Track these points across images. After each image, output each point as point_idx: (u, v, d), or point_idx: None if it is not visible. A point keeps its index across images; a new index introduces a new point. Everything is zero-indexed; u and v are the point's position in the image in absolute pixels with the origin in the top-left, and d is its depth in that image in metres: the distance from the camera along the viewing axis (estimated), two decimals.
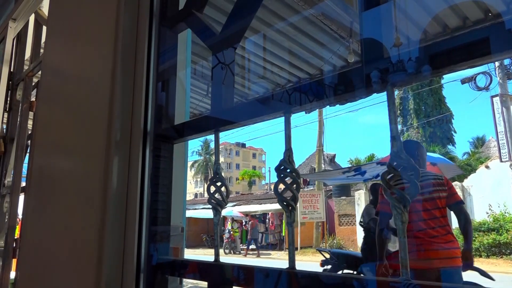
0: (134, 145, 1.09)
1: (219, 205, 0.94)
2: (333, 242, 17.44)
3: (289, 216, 0.76)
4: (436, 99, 25.08)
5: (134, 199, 1.07)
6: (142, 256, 1.05)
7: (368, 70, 0.69)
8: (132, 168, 1.10)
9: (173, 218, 1.18)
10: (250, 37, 4.52)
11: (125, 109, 1.11)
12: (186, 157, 1.33)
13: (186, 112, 1.35)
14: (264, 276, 0.78)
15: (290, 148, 0.79)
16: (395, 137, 0.62)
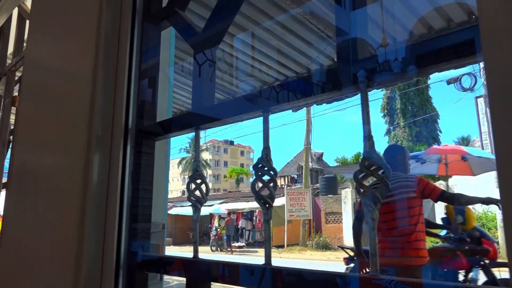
0: (115, 141, 1.10)
1: (199, 202, 0.95)
2: (319, 239, 17.55)
3: (266, 213, 0.78)
4: (423, 99, 25.39)
5: (115, 195, 1.08)
6: (122, 252, 1.05)
7: (355, 70, 0.71)
8: (113, 164, 1.10)
9: (154, 215, 1.18)
10: (238, 35, 4.52)
11: (106, 105, 1.11)
12: (168, 154, 1.33)
13: (168, 109, 1.36)
14: (241, 271, 0.79)
15: (268, 147, 0.80)
16: (367, 137, 0.64)
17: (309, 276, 0.73)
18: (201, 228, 22.44)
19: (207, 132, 47.35)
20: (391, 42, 3.91)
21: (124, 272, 1.03)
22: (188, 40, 1.06)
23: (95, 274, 1.02)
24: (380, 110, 26.81)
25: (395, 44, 0.71)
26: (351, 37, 0.80)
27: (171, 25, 1.16)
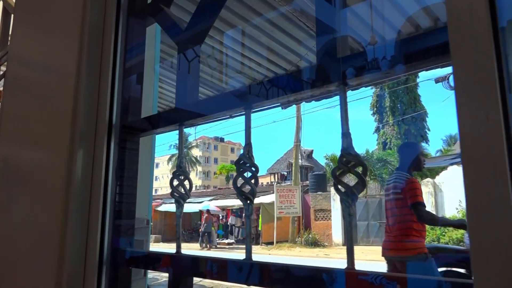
0: (99, 137, 1.09)
1: (182, 198, 0.96)
2: (308, 236, 17.64)
3: (247, 209, 0.78)
4: (412, 97, 25.60)
5: (98, 191, 1.08)
6: (105, 248, 1.05)
7: (344, 67, 0.71)
8: (97, 160, 1.10)
9: (139, 210, 1.18)
10: (227, 32, 4.52)
11: (90, 101, 1.11)
12: (153, 151, 1.34)
13: (154, 106, 1.36)
14: (223, 266, 0.80)
15: (250, 143, 0.81)
16: (345, 134, 0.65)
17: (299, 271, 0.74)
18: (190, 225, 22.40)
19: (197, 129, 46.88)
20: (380, 40, 3.93)
21: (107, 268, 1.04)
22: (173, 37, 1.06)
23: (78, 269, 1.02)
24: (369, 108, 27.00)
25: (383, 43, 0.72)
26: (340, 35, 0.81)
27: (156, 22, 1.16)
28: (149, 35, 1.26)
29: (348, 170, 0.64)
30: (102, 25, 1.17)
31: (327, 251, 15.94)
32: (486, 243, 0.39)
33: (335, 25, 0.73)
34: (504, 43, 0.45)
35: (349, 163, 0.64)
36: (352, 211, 0.62)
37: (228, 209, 21.30)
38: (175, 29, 1.06)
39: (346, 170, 0.64)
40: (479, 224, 0.39)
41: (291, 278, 0.73)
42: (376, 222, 16.98)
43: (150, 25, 1.22)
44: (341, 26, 0.77)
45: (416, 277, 0.61)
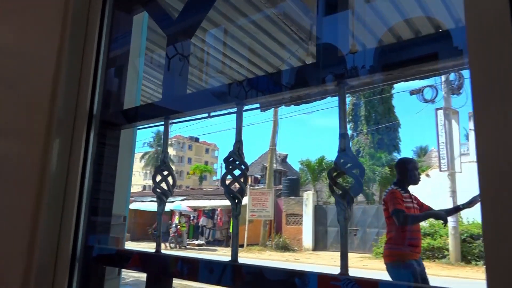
0: (78, 127, 1.04)
1: (164, 195, 0.92)
2: (279, 240, 17.68)
3: (235, 208, 0.76)
4: (386, 107, 26.14)
5: (74, 185, 1.02)
6: (78, 245, 1.00)
7: (324, 74, 0.70)
8: (74, 151, 1.04)
9: (116, 207, 1.13)
10: (211, 30, 4.47)
11: (70, 89, 1.05)
12: (134, 145, 1.28)
13: (137, 99, 1.31)
14: (206, 268, 0.77)
15: (241, 140, 0.78)
16: (343, 135, 0.63)
17: (272, 274, 0.71)
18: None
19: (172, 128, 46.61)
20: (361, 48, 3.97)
21: (80, 265, 0.98)
22: (163, 28, 1.02)
23: (48, 265, 0.96)
24: None
25: (364, 51, 0.71)
26: (323, 41, 0.79)
27: (144, 10, 1.12)
28: (135, 27, 1.22)
29: (345, 172, 0.62)
30: (87, 11, 1.12)
31: (297, 255, 16.02)
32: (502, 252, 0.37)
33: (327, 32, 0.71)
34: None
35: (346, 164, 0.62)
36: (347, 214, 0.60)
37: (200, 210, 21.12)
38: (165, 19, 1.03)
39: (343, 172, 0.62)
40: (494, 228, 0.38)
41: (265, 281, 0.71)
42: None
43: (137, 13, 1.18)
44: (333, 33, 0.75)
45: (388, 284, 0.60)
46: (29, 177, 1.04)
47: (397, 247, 3.45)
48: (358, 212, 16.55)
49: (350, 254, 3.23)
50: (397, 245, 3.45)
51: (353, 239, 16.90)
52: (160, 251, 0.90)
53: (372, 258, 13.88)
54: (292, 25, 4.03)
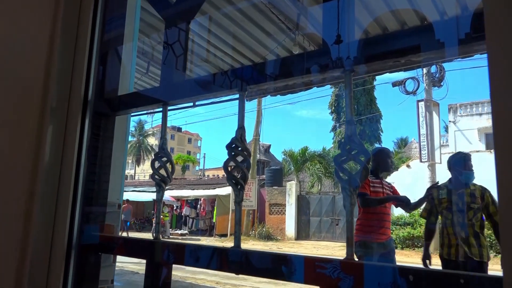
0: (72, 113, 1.02)
1: (163, 182, 0.91)
2: (262, 230, 17.81)
3: (238, 195, 0.76)
4: (368, 99, 26.42)
5: (69, 172, 1.00)
6: (74, 232, 0.99)
7: (309, 64, 0.71)
8: (68, 138, 1.02)
9: (110, 194, 1.12)
10: (196, 18, 4.40)
11: (64, 74, 1.03)
12: (128, 132, 1.27)
13: (130, 84, 1.29)
14: (208, 253, 0.77)
15: (243, 127, 0.78)
16: (350, 121, 0.64)
17: (275, 258, 0.72)
18: (143, 214, 21.93)
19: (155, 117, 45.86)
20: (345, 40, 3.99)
21: (76, 253, 0.97)
22: (159, 11, 1.01)
23: (43, 253, 0.95)
24: (328, 107, 27.57)
25: (348, 42, 0.72)
26: (326, 29, 0.79)
27: None
28: (128, 10, 1.19)
29: (351, 158, 0.62)
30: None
31: (280, 244, 16.17)
32: None
33: (313, 21, 0.71)
34: None
35: (352, 150, 0.63)
36: (353, 200, 0.61)
37: (183, 200, 21.05)
38: (162, 1, 1.01)
39: (350, 158, 0.63)
40: (511, 210, 0.39)
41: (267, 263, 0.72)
42: (328, 219, 17.44)
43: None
44: (319, 22, 0.75)
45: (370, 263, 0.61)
46: (22, 165, 1.02)
47: (362, 229, 3.67)
48: (340, 202, 16.75)
49: (332, 243, 3.35)
50: (362, 227, 3.66)
51: (335, 228, 17.14)
52: (159, 238, 0.90)
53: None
54: (279, 14, 4.01)
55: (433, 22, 0.71)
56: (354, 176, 0.61)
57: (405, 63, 0.65)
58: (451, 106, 20.08)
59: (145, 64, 5.26)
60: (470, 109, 19.73)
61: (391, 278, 0.57)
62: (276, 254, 0.72)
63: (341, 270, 0.60)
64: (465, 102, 20.04)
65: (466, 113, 19.75)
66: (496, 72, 0.48)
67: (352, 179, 0.61)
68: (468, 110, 19.77)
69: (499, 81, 0.47)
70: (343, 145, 0.63)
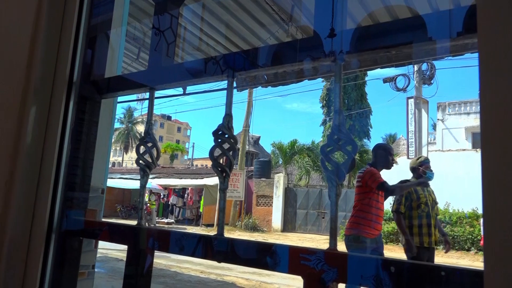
0: (56, 94, 0.99)
1: (148, 167, 0.90)
2: (248, 221, 17.88)
3: (223, 182, 0.75)
4: (359, 94, 26.50)
5: (51, 155, 0.98)
6: (55, 216, 0.97)
7: (300, 52, 0.70)
8: (52, 120, 0.99)
9: (94, 179, 1.10)
10: (189, 5, 4.34)
11: (48, 55, 1.00)
12: (114, 116, 1.24)
13: (118, 68, 1.26)
14: (191, 240, 0.76)
15: (230, 114, 0.77)
16: (338, 111, 0.63)
17: (256, 246, 0.72)
18: (129, 202, 21.82)
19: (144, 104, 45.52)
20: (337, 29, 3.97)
21: (56, 237, 0.95)
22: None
23: (22, 237, 0.93)
24: (319, 101, 27.60)
25: (341, 36, 0.71)
26: (320, 18, 0.78)
27: None
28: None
29: (338, 148, 0.62)
30: None
31: (265, 236, 16.26)
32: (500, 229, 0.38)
33: (308, 14, 0.70)
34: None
35: (340, 141, 0.62)
36: (339, 190, 0.61)
37: (170, 189, 20.99)
38: None
39: (337, 148, 0.62)
40: (494, 208, 0.38)
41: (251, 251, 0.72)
42: (314, 212, 17.58)
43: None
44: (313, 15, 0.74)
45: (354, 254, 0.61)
46: (3, 146, 0.99)
47: (357, 222, 3.75)
48: (327, 195, 16.87)
49: (318, 236, 3.36)
50: (358, 221, 3.74)
51: (321, 221, 17.28)
52: (142, 224, 0.88)
53: (339, 240, 14.24)
54: (273, 4, 3.98)
55: (425, 16, 0.70)
56: (341, 166, 0.61)
57: (396, 55, 0.65)
58: (440, 104, 20.28)
59: (136, 49, 5.19)
60: (458, 108, 19.95)
61: (375, 270, 0.57)
62: (261, 243, 0.71)
63: (325, 262, 0.60)
64: (454, 100, 20.25)
65: (454, 112, 19.97)
66: (486, 69, 0.47)
67: (339, 169, 0.61)
68: (456, 108, 19.99)
69: (488, 78, 0.47)
70: (330, 135, 0.63)
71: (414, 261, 3.62)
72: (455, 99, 20.48)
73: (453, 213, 13.46)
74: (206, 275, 7.43)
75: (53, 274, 0.93)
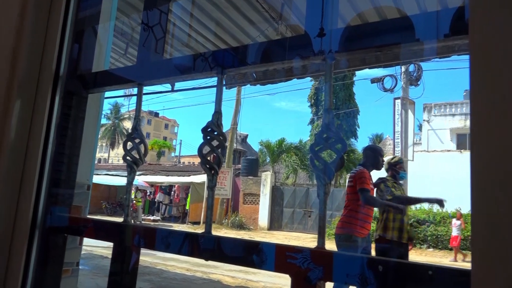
0: (42, 88, 0.97)
1: (135, 163, 0.88)
2: (235, 219, 17.86)
3: (211, 180, 0.74)
4: (347, 94, 26.64)
5: (36, 150, 0.96)
6: (39, 212, 0.95)
7: (292, 56, 0.70)
8: (37, 114, 0.98)
9: (80, 175, 1.08)
10: (179, 1, 4.31)
11: (34, 47, 0.98)
12: (101, 111, 1.23)
13: (106, 63, 1.24)
14: (178, 239, 0.75)
15: (220, 111, 0.76)
16: (327, 110, 0.63)
17: (246, 245, 0.71)
18: (115, 199, 21.62)
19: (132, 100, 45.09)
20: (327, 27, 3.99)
21: (40, 233, 0.94)
22: None
23: (5, 233, 0.91)
24: (307, 100, 27.68)
25: (330, 36, 0.71)
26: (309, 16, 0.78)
27: None
28: None
29: (328, 147, 0.62)
30: None
31: (252, 234, 16.28)
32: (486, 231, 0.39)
33: (297, 13, 0.70)
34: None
35: (329, 139, 0.62)
36: (327, 189, 0.61)
37: (156, 186, 20.85)
38: None
39: (326, 146, 0.62)
40: (483, 207, 0.39)
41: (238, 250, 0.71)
42: (301, 210, 17.65)
43: None
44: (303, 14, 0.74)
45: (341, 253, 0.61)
46: None
47: (349, 222, 3.80)
48: (313, 194, 16.95)
49: (304, 234, 3.38)
50: (350, 221, 3.80)
51: (307, 220, 17.36)
52: (128, 221, 0.87)
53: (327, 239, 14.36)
54: (263, 3, 3.97)
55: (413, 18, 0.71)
56: (330, 165, 0.61)
57: (385, 54, 0.65)
58: (426, 105, 20.53)
59: (124, 45, 5.13)
60: (444, 109, 20.22)
61: (360, 269, 0.57)
62: (248, 241, 0.71)
63: (311, 261, 0.60)
64: (439, 102, 20.52)
65: (440, 113, 20.24)
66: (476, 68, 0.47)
67: (328, 168, 0.61)
68: (442, 110, 20.26)
69: (479, 78, 0.47)
70: (320, 133, 0.63)
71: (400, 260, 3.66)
72: (441, 100, 20.76)
73: (437, 213, 13.65)
74: (192, 273, 7.40)
75: (36, 271, 0.91)
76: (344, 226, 3.82)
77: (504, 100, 0.42)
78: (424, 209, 14.00)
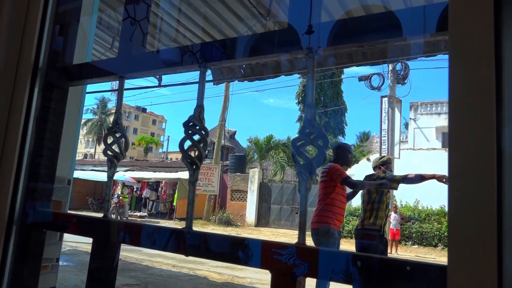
0: (20, 80, 0.95)
1: (116, 158, 0.87)
2: (222, 215, 17.84)
3: (192, 175, 0.73)
4: (335, 92, 26.79)
5: (13, 143, 0.94)
6: (16, 207, 0.93)
7: (277, 50, 0.69)
8: (15, 106, 0.95)
9: (60, 169, 1.06)
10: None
11: (12, 37, 0.95)
12: (82, 104, 1.20)
13: (87, 55, 1.22)
14: (162, 234, 0.74)
15: (202, 105, 0.75)
16: (310, 105, 0.62)
17: (227, 241, 0.71)
18: (101, 195, 21.40)
19: None
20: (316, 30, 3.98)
21: (17, 229, 0.91)
22: None
23: None
24: (295, 97, 27.77)
25: (319, 33, 0.71)
26: (295, 11, 0.78)
27: None
28: None
29: (310, 142, 0.61)
30: None
31: (239, 230, 16.28)
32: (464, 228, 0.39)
33: (297, 10, 0.69)
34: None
35: (311, 134, 0.61)
36: (309, 185, 0.60)
37: (143, 182, 20.70)
38: None
39: (308, 142, 0.61)
40: (459, 206, 0.39)
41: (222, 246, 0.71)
42: (288, 207, 17.71)
43: None
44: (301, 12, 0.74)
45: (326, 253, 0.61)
46: None
47: (325, 216, 3.91)
48: None
49: (291, 231, 3.39)
50: (327, 214, 3.91)
51: (294, 217, 17.43)
52: (108, 216, 0.86)
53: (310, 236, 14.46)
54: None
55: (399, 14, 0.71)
56: (312, 161, 0.60)
57: (371, 51, 0.64)
58: (412, 104, 20.74)
59: (110, 39, 5.05)
60: (430, 108, 20.47)
61: (345, 265, 0.57)
62: (234, 238, 0.70)
63: (296, 257, 0.60)
64: (426, 101, 20.75)
65: (426, 112, 20.48)
66: (455, 69, 0.47)
67: (310, 164, 0.60)
68: (428, 108, 20.50)
69: (458, 79, 0.47)
70: (302, 128, 0.62)
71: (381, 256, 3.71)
72: (427, 99, 21.00)
73: (422, 210, 13.83)
74: (178, 269, 7.37)
75: (13, 267, 0.89)
76: (321, 220, 3.92)
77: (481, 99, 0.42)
78: (409, 206, 14.18)
